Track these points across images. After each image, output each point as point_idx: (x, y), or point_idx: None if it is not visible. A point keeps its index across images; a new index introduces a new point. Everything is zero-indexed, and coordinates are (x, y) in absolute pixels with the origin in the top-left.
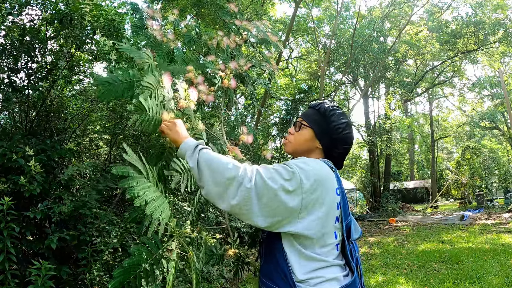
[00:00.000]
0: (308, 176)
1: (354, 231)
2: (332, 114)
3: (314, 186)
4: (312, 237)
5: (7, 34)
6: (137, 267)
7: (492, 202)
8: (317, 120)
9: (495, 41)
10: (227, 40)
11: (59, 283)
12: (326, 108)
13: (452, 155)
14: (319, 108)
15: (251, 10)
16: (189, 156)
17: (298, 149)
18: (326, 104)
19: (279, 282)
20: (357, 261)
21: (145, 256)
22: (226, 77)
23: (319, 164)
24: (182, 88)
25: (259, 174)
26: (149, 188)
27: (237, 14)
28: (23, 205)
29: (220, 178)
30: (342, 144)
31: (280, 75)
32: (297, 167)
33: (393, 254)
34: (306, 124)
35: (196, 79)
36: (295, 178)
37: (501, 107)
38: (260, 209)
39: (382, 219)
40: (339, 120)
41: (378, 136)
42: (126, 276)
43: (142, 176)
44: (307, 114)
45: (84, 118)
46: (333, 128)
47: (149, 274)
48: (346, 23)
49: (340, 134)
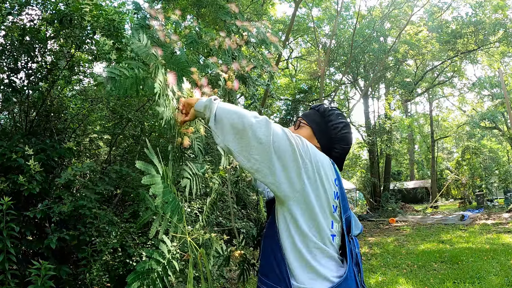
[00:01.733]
0: (312, 150)
1: (355, 227)
2: (330, 114)
3: (315, 158)
4: (309, 211)
5: (7, 34)
6: (150, 271)
7: (492, 202)
8: (316, 120)
9: (495, 41)
10: (229, 41)
11: (59, 283)
12: (325, 109)
13: (452, 155)
14: (318, 109)
15: (251, 10)
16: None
17: None
18: (325, 105)
19: (274, 279)
20: (357, 257)
21: (158, 259)
22: (230, 78)
23: (320, 152)
24: (185, 89)
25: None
26: (165, 189)
27: (237, 15)
28: (22, 205)
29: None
30: (340, 144)
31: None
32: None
33: (393, 254)
34: (305, 123)
35: (200, 81)
36: (303, 144)
37: (501, 107)
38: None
39: (382, 219)
40: (337, 120)
41: (378, 136)
42: (140, 281)
43: (160, 176)
44: (306, 114)
45: (84, 118)
46: (331, 127)
47: (163, 277)
48: (346, 23)
49: (338, 133)
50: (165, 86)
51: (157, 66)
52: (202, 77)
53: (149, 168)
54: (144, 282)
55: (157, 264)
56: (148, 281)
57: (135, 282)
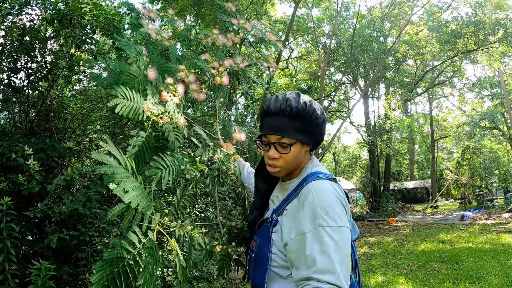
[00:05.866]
0: (339, 217)
1: (353, 232)
2: (307, 110)
3: (347, 216)
4: None
5: (6, 34)
6: (119, 260)
7: (492, 202)
8: (298, 126)
9: (495, 41)
10: (223, 39)
11: (59, 283)
12: (298, 108)
13: (452, 155)
14: (290, 113)
15: (251, 10)
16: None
17: (292, 168)
18: (293, 102)
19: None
20: (356, 262)
21: (128, 248)
22: (218, 74)
23: (330, 189)
24: (167, 83)
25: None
26: (127, 178)
27: (234, 13)
28: (22, 205)
29: None
30: (324, 128)
31: (280, 75)
32: (332, 232)
33: (393, 254)
34: (293, 139)
35: (188, 78)
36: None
37: (501, 107)
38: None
39: (382, 219)
40: (316, 111)
41: (378, 136)
42: (109, 270)
43: (121, 167)
44: (284, 127)
45: (84, 118)
46: (315, 122)
47: (134, 268)
48: (346, 23)
49: (322, 123)
50: (144, 79)
51: (138, 60)
52: (190, 73)
53: (107, 159)
54: (113, 270)
55: (127, 254)
56: (118, 269)
57: (103, 271)
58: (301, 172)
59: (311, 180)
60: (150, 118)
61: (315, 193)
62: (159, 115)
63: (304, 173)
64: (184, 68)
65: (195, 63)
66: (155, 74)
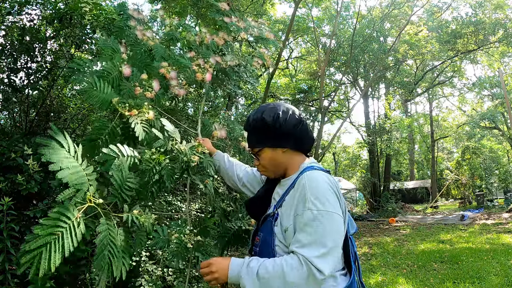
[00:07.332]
0: (330, 203)
1: (350, 226)
2: (261, 120)
3: (339, 202)
4: None
5: (6, 34)
6: (55, 228)
7: (492, 202)
8: (260, 135)
9: (495, 41)
10: (211, 37)
11: (59, 283)
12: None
13: (452, 155)
14: (250, 127)
15: (251, 10)
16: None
17: (276, 169)
18: (250, 118)
19: None
20: (355, 255)
21: (63, 219)
22: (199, 70)
23: (323, 178)
24: (142, 79)
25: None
26: (67, 159)
27: (228, 12)
28: (22, 205)
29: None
30: (296, 128)
31: (280, 75)
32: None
33: (393, 254)
34: (257, 148)
35: (169, 74)
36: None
37: (501, 107)
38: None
39: (382, 219)
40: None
41: (378, 136)
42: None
43: (64, 149)
44: (251, 140)
45: (84, 118)
46: (284, 125)
47: (63, 244)
48: (346, 23)
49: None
50: (119, 75)
51: (114, 57)
52: (172, 70)
53: (48, 142)
54: (48, 239)
55: (61, 228)
56: (52, 241)
57: (34, 242)
58: (299, 168)
59: (305, 171)
60: (118, 109)
61: (308, 181)
62: (127, 108)
63: (301, 168)
64: (166, 65)
65: (178, 60)
66: (129, 71)
